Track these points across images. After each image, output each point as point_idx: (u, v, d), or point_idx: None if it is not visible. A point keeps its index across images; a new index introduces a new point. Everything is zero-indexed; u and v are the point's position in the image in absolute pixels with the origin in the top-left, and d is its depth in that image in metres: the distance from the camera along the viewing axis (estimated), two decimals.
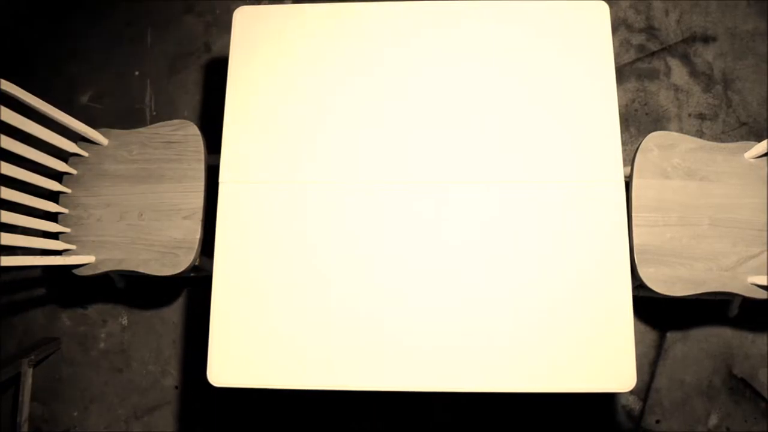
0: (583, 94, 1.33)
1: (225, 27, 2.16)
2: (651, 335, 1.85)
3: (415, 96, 1.36)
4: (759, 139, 1.94)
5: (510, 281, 1.24)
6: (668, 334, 1.84)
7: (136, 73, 2.15)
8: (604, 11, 1.38)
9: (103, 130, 1.60)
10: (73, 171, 1.56)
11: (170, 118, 1.61)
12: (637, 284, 1.43)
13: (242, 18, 1.43)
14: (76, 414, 1.92)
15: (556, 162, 1.30)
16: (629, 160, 1.51)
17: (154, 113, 2.11)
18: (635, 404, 1.82)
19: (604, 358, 1.20)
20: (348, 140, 1.34)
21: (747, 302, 1.79)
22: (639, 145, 1.49)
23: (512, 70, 1.36)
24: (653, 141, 1.49)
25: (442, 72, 1.36)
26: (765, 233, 1.42)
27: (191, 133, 1.58)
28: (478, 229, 1.27)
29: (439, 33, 1.39)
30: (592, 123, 1.32)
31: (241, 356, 1.25)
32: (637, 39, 2.05)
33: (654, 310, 1.86)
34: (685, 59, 2.02)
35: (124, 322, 1.96)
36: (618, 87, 2.00)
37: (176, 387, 1.91)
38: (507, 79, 1.35)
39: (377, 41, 1.39)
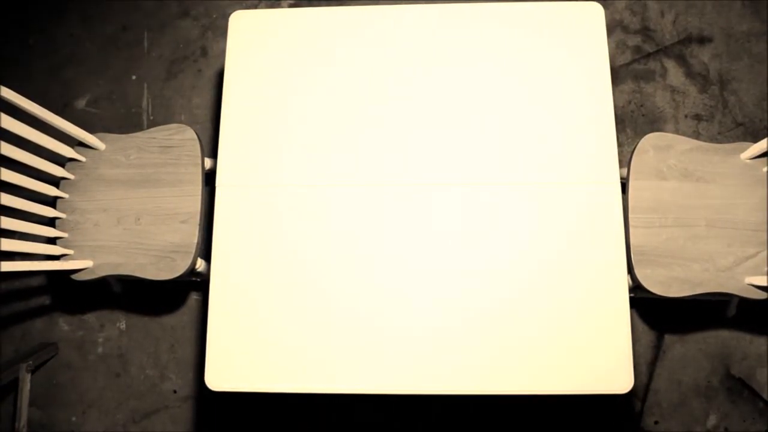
0: (579, 96, 1.34)
1: (221, 31, 2.16)
2: (649, 336, 1.85)
3: (412, 98, 1.36)
4: (755, 140, 1.95)
5: (507, 282, 1.24)
6: (666, 335, 1.84)
7: (133, 77, 2.15)
8: (599, 13, 1.38)
9: (100, 134, 1.60)
10: (71, 176, 1.56)
11: (167, 123, 1.62)
12: (634, 285, 1.43)
13: (238, 22, 1.43)
14: (74, 419, 1.92)
15: (552, 164, 1.30)
16: (626, 161, 1.51)
17: (151, 117, 2.11)
18: (634, 405, 1.82)
19: (601, 360, 1.20)
20: (345, 142, 1.34)
21: (744, 303, 1.79)
22: (635, 146, 1.50)
23: (508, 72, 1.36)
24: (649, 142, 1.49)
25: (437, 75, 1.37)
26: (761, 233, 1.43)
27: (188, 137, 1.58)
28: (474, 230, 1.27)
29: (434, 36, 1.39)
30: (588, 124, 1.32)
31: (239, 360, 1.24)
32: (633, 40, 2.05)
33: (652, 311, 1.86)
34: (681, 60, 2.02)
35: (122, 326, 1.96)
36: (614, 88, 2.00)
37: (174, 391, 1.91)
38: (503, 81, 1.35)
39: (374, 44, 1.39)
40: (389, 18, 1.41)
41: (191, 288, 1.98)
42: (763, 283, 1.37)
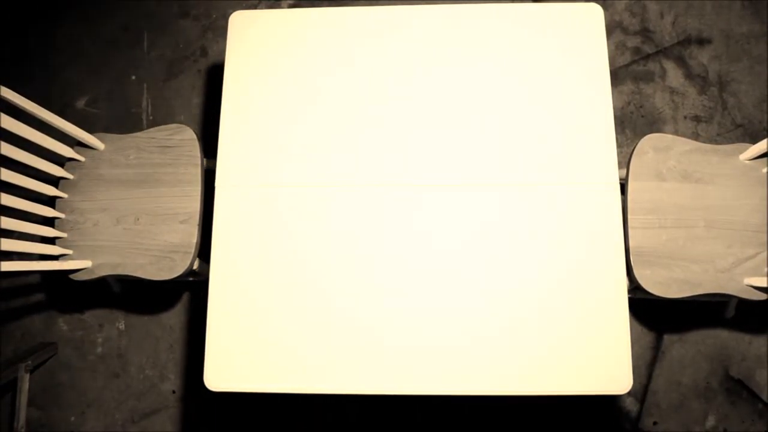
0: (579, 97, 1.34)
1: (221, 31, 2.16)
2: (648, 337, 1.85)
3: (411, 99, 1.36)
4: (754, 141, 1.95)
5: (506, 283, 1.24)
6: (665, 336, 1.84)
7: (133, 77, 2.15)
8: (599, 14, 1.38)
9: (100, 134, 1.60)
10: (70, 176, 1.56)
11: (167, 123, 1.62)
12: (633, 286, 1.43)
13: (238, 22, 1.43)
14: (73, 419, 1.92)
15: (551, 165, 1.30)
16: (625, 162, 1.51)
17: (151, 118, 2.11)
18: (632, 406, 1.82)
19: (600, 360, 1.20)
20: (345, 143, 1.34)
21: (743, 303, 1.79)
22: (634, 147, 1.50)
23: (508, 73, 1.36)
24: (649, 143, 1.49)
25: (437, 75, 1.37)
26: (760, 234, 1.43)
27: (188, 138, 1.58)
28: (473, 231, 1.27)
29: (435, 36, 1.39)
30: (587, 126, 1.32)
31: (238, 360, 1.24)
32: (633, 41, 2.06)
33: (651, 312, 1.86)
34: (681, 61, 2.03)
35: (122, 326, 1.96)
36: (614, 89, 2.00)
37: (174, 391, 1.91)
38: (502, 82, 1.35)
39: (373, 44, 1.39)
40: (389, 18, 1.41)
41: (190, 288, 1.98)
42: (763, 284, 1.37)
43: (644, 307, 1.86)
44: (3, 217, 1.30)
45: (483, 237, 1.27)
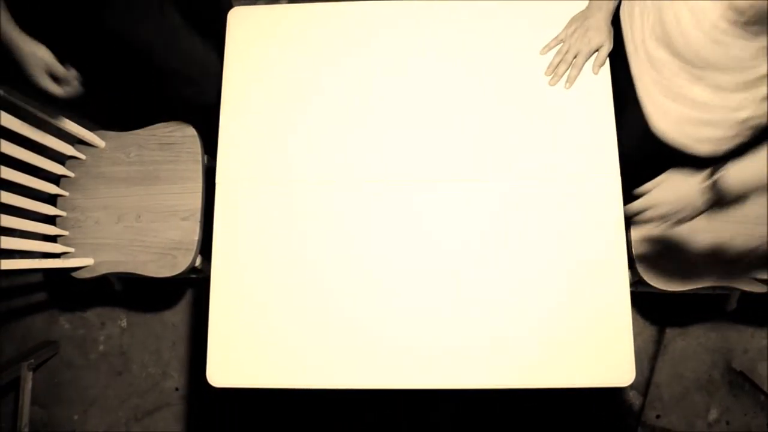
0: (579, 89, 1.33)
1: None
2: (650, 330, 1.85)
3: (410, 94, 1.35)
4: None
5: (507, 277, 1.24)
6: (667, 330, 1.84)
7: None
8: None
9: (100, 132, 1.60)
10: (71, 174, 1.56)
11: (167, 120, 1.61)
12: (636, 279, 1.43)
13: (237, 19, 1.43)
14: (76, 417, 1.92)
15: (552, 158, 1.30)
16: None
17: None
18: (635, 399, 1.82)
19: (603, 353, 1.20)
20: (344, 139, 1.34)
21: (745, 296, 1.79)
22: None
23: (506, 66, 1.35)
24: None
25: (436, 69, 1.36)
26: (761, 227, 1.42)
27: (188, 135, 1.58)
28: (474, 226, 1.27)
29: (436, 32, 1.39)
30: (587, 117, 1.32)
31: (240, 357, 1.24)
32: None
33: (653, 306, 1.86)
34: None
35: (124, 324, 1.96)
36: None
37: (176, 389, 1.91)
38: (501, 75, 1.35)
39: (373, 40, 1.39)
40: (389, 14, 1.41)
41: (193, 285, 1.98)
42: (764, 277, 1.37)
43: (646, 300, 1.86)
44: (4, 216, 1.30)
45: (484, 231, 1.27)
